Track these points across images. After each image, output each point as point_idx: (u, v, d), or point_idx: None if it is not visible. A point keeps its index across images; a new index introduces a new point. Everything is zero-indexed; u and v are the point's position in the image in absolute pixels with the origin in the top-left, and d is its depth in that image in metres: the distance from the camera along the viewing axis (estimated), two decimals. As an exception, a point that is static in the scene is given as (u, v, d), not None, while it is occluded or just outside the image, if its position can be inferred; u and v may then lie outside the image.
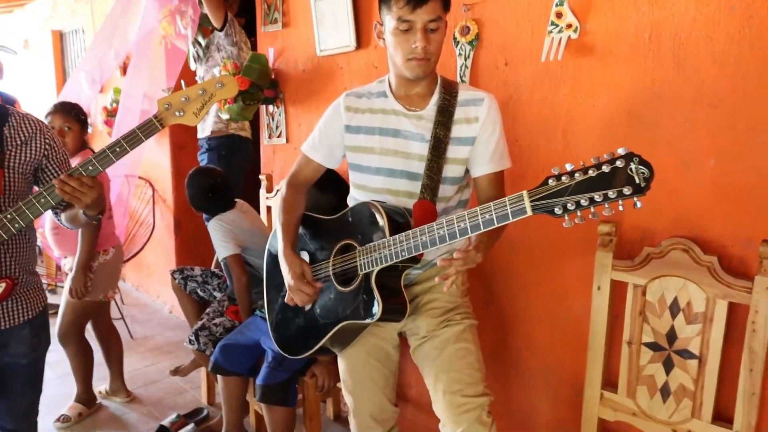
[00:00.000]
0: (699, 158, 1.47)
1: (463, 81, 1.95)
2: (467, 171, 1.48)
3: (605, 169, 1.00)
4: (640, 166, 0.97)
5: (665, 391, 1.50)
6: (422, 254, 1.32)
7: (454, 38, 1.95)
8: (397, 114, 1.47)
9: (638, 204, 0.99)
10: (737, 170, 1.41)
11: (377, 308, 1.35)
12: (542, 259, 1.82)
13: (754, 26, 1.36)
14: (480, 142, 1.42)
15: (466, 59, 1.95)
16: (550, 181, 1.05)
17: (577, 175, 1.02)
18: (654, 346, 1.51)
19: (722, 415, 1.44)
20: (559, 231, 1.75)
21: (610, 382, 1.61)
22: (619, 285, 1.56)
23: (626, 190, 0.98)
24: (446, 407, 1.41)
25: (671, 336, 1.47)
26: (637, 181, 0.97)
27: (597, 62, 1.63)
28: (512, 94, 1.84)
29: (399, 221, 1.35)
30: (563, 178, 1.04)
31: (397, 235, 1.30)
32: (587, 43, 1.65)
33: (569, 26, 1.65)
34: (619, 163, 0.99)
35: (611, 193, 0.99)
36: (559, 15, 1.67)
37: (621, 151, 1.00)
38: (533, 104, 1.80)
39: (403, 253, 1.29)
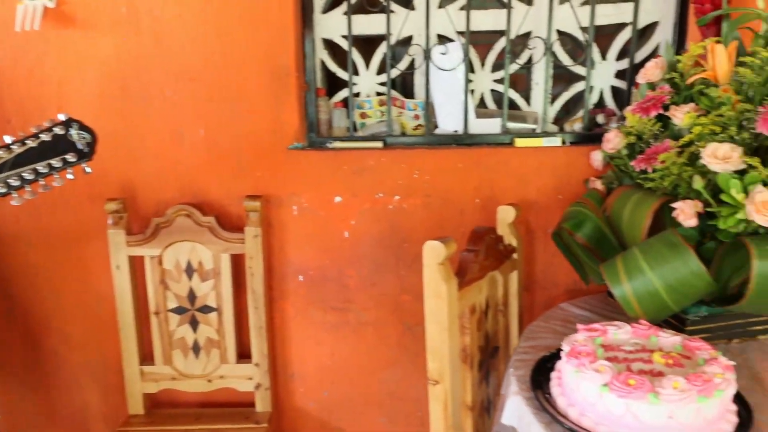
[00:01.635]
0: (191, 129, 1.58)
1: None
2: None
3: (45, 137, 0.95)
4: (82, 132, 0.96)
5: (196, 348, 1.61)
6: None
7: None
8: None
9: (88, 169, 0.98)
10: (222, 137, 1.58)
11: None
12: (62, 249, 1.67)
13: (215, 7, 1.51)
14: None
15: None
16: (-16, 157, 0.94)
17: (15, 147, 0.94)
18: (179, 310, 1.59)
19: (245, 353, 1.63)
20: (70, 216, 1.64)
21: (148, 356, 1.63)
22: (138, 259, 1.57)
23: (70, 157, 0.95)
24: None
25: (191, 296, 1.58)
26: (80, 146, 0.96)
27: (81, 34, 1.55)
28: (-9, 68, 1.59)
29: None
30: (0, 152, 0.94)
31: None
32: (67, 13, 1.54)
33: (42, -7, 1.51)
34: (58, 130, 0.95)
35: (56, 162, 0.95)
36: (26, -21, 1.50)
37: (61, 117, 0.97)
38: (19, 79, 1.60)
39: None
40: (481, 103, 1.66)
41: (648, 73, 1.31)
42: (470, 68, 1.62)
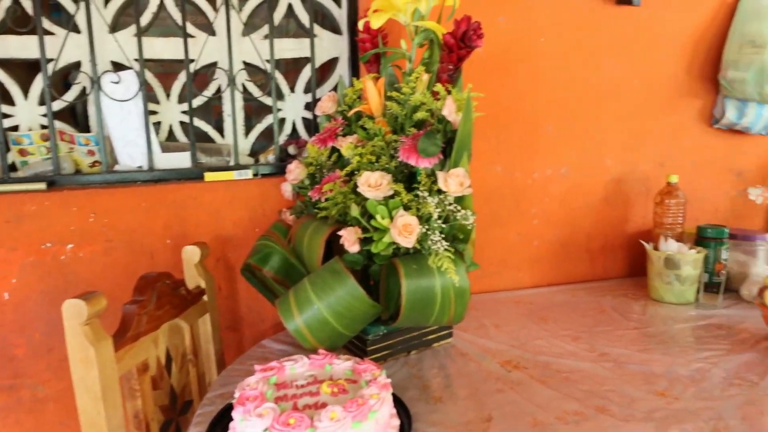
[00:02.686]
0: None
1: None
2: None
3: None
4: None
5: None
6: None
7: None
8: None
9: None
10: None
11: None
12: None
13: None
14: None
15: None
16: None
17: None
18: None
19: None
20: None
21: None
22: None
23: None
24: None
25: None
26: None
27: None
28: None
29: None
30: None
31: None
32: None
33: None
34: None
35: None
36: None
37: None
38: None
39: None
40: (172, 137, 1.55)
41: (323, 106, 1.37)
42: (154, 99, 1.50)
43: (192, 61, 1.49)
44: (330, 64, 1.64)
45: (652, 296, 1.61)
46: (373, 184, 1.07)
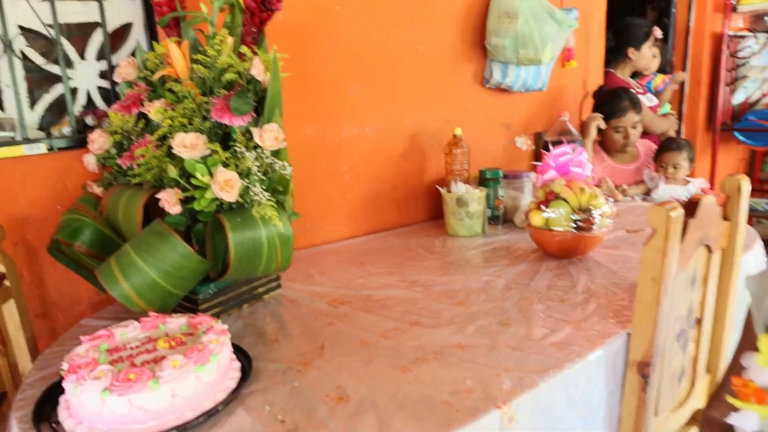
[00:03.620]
0: None
1: None
2: None
3: None
4: None
5: None
6: None
7: None
8: None
9: None
10: None
11: None
12: None
13: None
14: None
15: None
16: None
17: None
18: None
19: None
20: None
21: None
22: None
23: None
24: None
25: None
26: None
27: None
28: None
29: None
30: None
31: None
32: None
33: None
34: None
35: None
36: None
37: None
38: None
39: None
40: (-64, 112, 1.35)
41: (122, 72, 1.32)
42: None
43: (-48, 24, 1.31)
44: (123, 30, 1.56)
45: (449, 232, 1.88)
46: (189, 145, 1.09)
